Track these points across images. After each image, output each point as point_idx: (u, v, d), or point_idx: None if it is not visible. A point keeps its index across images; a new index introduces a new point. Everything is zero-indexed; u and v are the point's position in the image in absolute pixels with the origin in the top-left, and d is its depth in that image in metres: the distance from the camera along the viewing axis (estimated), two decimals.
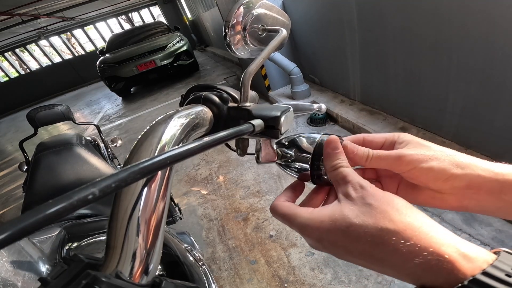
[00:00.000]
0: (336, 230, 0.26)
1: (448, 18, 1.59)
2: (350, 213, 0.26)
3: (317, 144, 0.35)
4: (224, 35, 0.39)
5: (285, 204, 0.32)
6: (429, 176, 0.30)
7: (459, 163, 0.30)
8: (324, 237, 0.27)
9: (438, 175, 0.30)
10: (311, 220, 0.28)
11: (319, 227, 0.27)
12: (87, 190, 0.15)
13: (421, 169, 0.30)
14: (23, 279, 0.42)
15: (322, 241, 0.27)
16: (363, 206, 0.26)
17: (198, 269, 0.69)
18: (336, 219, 0.26)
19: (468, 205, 0.31)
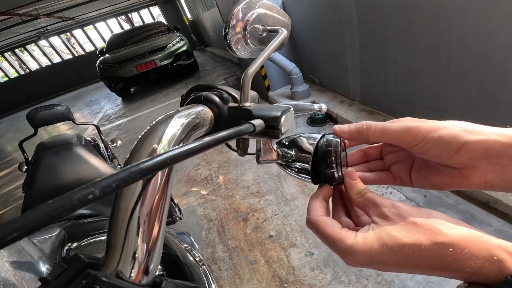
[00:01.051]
0: (389, 252, 0.27)
1: (448, 18, 1.59)
2: (398, 234, 0.27)
3: (318, 144, 0.35)
4: (225, 35, 0.39)
5: (327, 222, 0.31)
6: (440, 147, 0.29)
7: (471, 130, 0.28)
8: (376, 259, 0.27)
9: (450, 145, 0.28)
10: (358, 247, 0.28)
11: (370, 252, 0.27)
12: (87, 190, 0.15)
13: (431, 139, 0.29)
14: (23, 279, 0.42)
15: (371, 263, 0.28)
16: (408, 225, 0.27)
17: (198, 269, 0.69)
18: (386, 242, 0.27)
19: (494, 180, 0.29)
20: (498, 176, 0.28)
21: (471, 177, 0.29)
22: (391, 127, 0.31)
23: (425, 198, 1.80)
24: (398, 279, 1.42)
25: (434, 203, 1.74)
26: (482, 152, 0.27)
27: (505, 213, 1.53)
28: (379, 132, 0.32)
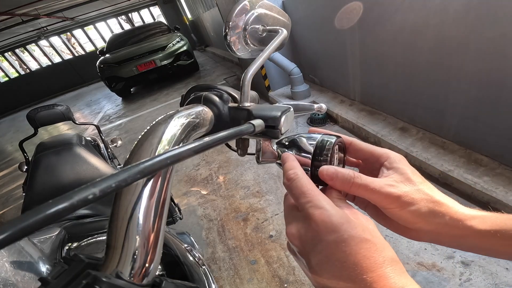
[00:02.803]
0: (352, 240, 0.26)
1: (448, 17, 1.59)
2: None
3: (318, 145, 0.35)
4: (225, 35, 0.39)
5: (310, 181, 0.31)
6: (410, 219, 0.31)
7: (436, 211, 0.31)
8: (343, 236, 0.26)
9: (419, 219, 0.31)
10: (332, 210, 0.27)
11: (333, 221, 0.26)
12: (87, 190, 0.15)
13: (406, 211, 0.31)
14: (23, 279, 0.42)
15: (336, 235, 0.26)
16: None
17: (198, 269, 0.69)
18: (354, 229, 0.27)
19: (427, 238, 0.33)
20: (444, 241, 0.32)
21: (421, 236, 0.33)
22: (373, 190, 0.31)
23: None
24: None
25: None
26: (436, 228, 0.31)
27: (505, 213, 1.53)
28: (363, 190, 0.31)
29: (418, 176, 0.33)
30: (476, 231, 0.30)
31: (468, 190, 1.68)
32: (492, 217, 0.30)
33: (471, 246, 0.31)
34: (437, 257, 1.47)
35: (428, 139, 2.08)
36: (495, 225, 0.30)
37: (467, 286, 1.33)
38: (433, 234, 0.32)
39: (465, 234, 0.30)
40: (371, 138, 2.41)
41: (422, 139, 2.11)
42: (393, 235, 1.62)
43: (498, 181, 1.60)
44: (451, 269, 1.40)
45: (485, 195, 1.59)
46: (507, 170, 1.63)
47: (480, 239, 0.30)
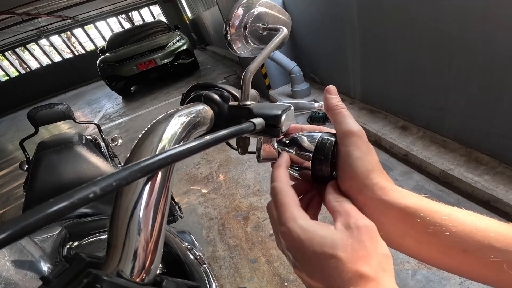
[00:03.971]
0: (323, 255, 0.25)
1: (448, 17, 1.58)
2: (342, 247, 0.25)
3: (318, 144, 0.35)
4: (225, 34, 0.39)
5: (292, 196, 0.30)
6: (344, 158, 0.32)
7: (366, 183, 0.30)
8: (308, 252, 0.26)
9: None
10: (305, 228, 0.27)
11: (307, 238, 0.26)
12: (88, 189, 0.15)
13: (344, 148, 0.32)
14: (24, 278, 0.43)
15: (302, 251, 0.27)
16: (356, 244, 0.26)
17: (198, 268, 0.69)
18: (327, 243, 0.26)
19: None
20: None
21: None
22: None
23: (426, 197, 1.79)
24: (398, 278, 1.42)
25: None
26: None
27: (505, 212, 1.53)
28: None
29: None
30: (396, 205, 0.28)
31: (469, 189, 1.68)
32: (418, 197, 0.30)
33: (387, 229, 0.29)
34: None
35: (428, 137, 2.08)
36: (418, 204, 0.28)
37: (467, 285, 1.33)
38: (359, 209, 0.30)
39: (385, 208, 0.29)
40: (372, 136, 2.41)
41: (422, 138, 2.10)
42: None
43: (498, 180, 1.60)
44: None
45: (485, 194, 1.59)
46: (507, 169, 1.63)
47: (398, 218, 0.28)
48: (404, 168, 2.08)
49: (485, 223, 0.26)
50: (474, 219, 0.27)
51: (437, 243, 0.27)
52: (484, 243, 0.25)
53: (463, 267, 0.27)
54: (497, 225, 0.26)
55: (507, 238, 0.25)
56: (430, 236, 0.27)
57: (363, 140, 0.32)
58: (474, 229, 0.26)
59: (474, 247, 0.25)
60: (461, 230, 0.26)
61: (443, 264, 0.28)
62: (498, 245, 0.25)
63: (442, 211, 0.28)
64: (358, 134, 0.32)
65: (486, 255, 0.25)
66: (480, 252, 0.25)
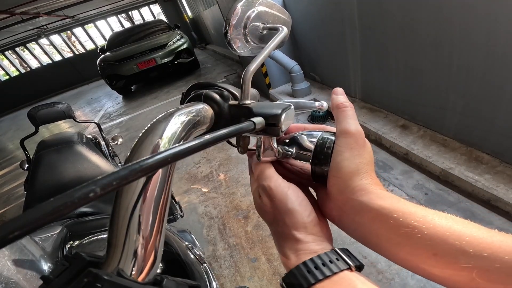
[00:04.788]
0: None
1: (449, 15, 1.58)
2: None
3: (318, 143, 0.35)
4: (225, 33, 0.39)
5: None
6: (334, 157, 0.33)
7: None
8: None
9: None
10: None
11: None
12: (88, 188, 0.15)
13: (336, 147, 0.34)
14: (25, 277, 0.43)
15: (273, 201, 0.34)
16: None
17: (199, 267, 0.69)
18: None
19: (335, 218, 0.35)
20: (339, 217, 0.34)
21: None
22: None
23: (426, 196, 1.80)
24: (398, 277, 1.43)
25: (435, 201, 1.74)
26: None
27: (506, 211, 1.53)
28: None
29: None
30: (371, 205, 0.29)
31: (469, 188, 1.68)
32: (395, 198, 0.29)
33: (362, 230, 0.31)
34: None
35: (429, 136, 2.08)
36: (393, 205, 0.28)
37: None
38: (339, 211, 0.33)
39: (360, 208, 0.30)
40: (372, 135, 2.40)
41: (423, 137, 2.10)
42: None
43: (499, 179, 1.60)
44: None
45: (486, 193, 1.59)
46: (508, 168, 1.63)
47: (373, 219, 0.29)
48: (404, 167, 2.08)
49: (461, 226, 0.25)
50: (450, 223, 0.26)
51: (409, 245, 0.27)
52: (456, 247, 0.24)
53: (434, 271, 0.26)
54: (474, 230, 0.25)
55: (481, 243, 0.24)
56: (402, 238, 0.27)
57: (357, 142, 0.32)
58: (448, 233, 0.25)
59: (444, 251, 0.25)
60: (433, 233, 0.25)
61: (415, 267, 0.28)
62: (471, 250, 0.24)
63: (416, 213, 0.27)
64: (353, 135, 0.32)
65: (457, 260, 0.24)
66: (451, 257, 0.24)
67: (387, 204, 0.29)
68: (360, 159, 0.32)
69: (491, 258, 0.23)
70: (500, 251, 0.22)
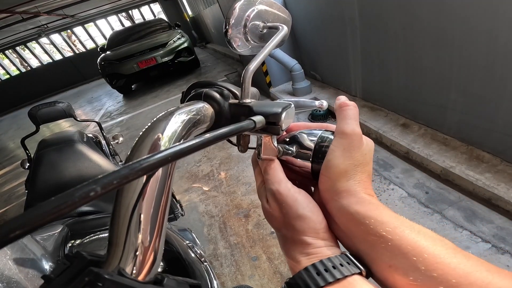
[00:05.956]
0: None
1: (450, 14, 1.58)
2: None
3: (318, 141, 0.35)
4: (225, 31, 0.39)
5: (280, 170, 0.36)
6: (327, 155, 0.34)
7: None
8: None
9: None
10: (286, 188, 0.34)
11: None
12: (89, 187, 0.15)
13: (332, 146, 0.34)
14: (26, 276, 0.43)
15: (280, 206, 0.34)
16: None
17: (199, 265, 0.69)
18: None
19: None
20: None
21: None
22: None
23: (427, 194, 1.79)
24: None
25: (436, 199, 1.74)
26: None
27: (506, 210, 1.53)
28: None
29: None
30: (348, 209, 0.30)
31: (470, 187, 1.68)
32: (376, 205, 0.29)
33: (340, 231, 0.32)
34: None
35: (430, 135, 2.08)
36: (368, 212, 0.29)
37: None
38: (322, 207, 0.34)
39: (338, 210, 0.31)
40: (373, 134, 2.40)
41: (423, 136, 2.10)
42: None
43: (499, 178, 1.60)
44: None
45: (486, 191, 1.59)
46: (508, 167, 1.63)
47: (348, 222, 0.30)
48: (405, 166, 2.08)
49: (428, 243, 0.25)
50: (419, 238, 0.26)
51: (372, 254, 0.28)
52: (411, 263, 0.24)
53: (388, 282, 0.27)
54: (439, 248, 0.25)
55: (438, 263, 0.24)
56: (368, 245, 0.28)
57: (352, 143, 0.32)
58: (411, 247, 0.25)
59: (398, 264, 0.25)
60: (397, 245, 0.26)
61: (376, 276, 0.28)
62: (423, 268, 0.24)
63: (388, 223, 0.27)
64: (349, 136, 0.32)
65: (406, 276, 0.25)
66: (402, 271, 0.25)
67: (362, 210, 0.29)
68: (351, 161, 0.31)
69: (439, 279, 0.23)
70: (451, 273, 0.23)
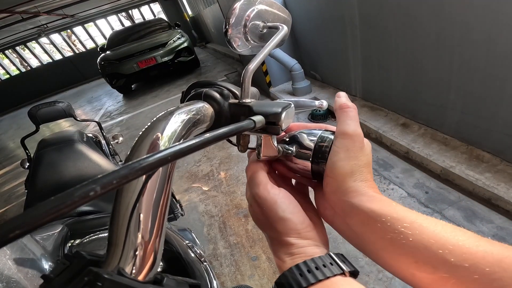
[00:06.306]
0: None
1: (450, 13, 1.58)
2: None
3: (318, 141, 0.35)
4: (225, 31, 0.39)
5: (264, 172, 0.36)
6: (330, 157, 0.33)
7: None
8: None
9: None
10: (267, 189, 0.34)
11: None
12: (88, 186, 0.15)
13: (334, 147, 0.33)
14: (26, 276, 0.43)
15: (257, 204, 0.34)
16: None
17: (199, 265, 0.69)
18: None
19: (328, 218, 0.35)
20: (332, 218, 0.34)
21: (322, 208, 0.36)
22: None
23: (427, 194, 1.79)
24: None
25: (436, 199, 1.74)
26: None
27: (506, 210, 1.53)
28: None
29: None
30: (361, 208, 0.29)
31: (470, 187, 1.68)
32: (387, 202, 0.29)
33: (351, 231, 0.31)
34: None
35: (429, 135, 2.08)
36: (383, 209, 0.28)
37: None
38: (331, 211, 0.33)
39: (350, 210, 0.30)
40: (373, 134, 2.40)
41: (423, 135, 2.10)
42: None
43: (499, 178, 1.60)
44: None
45: (486, 191, 1.59)
46: (508, 167, 1.63)
47: (362, 222, 0.29)
48: (405, 165, 2.08)
49: (449, 234, 0.24)
50: (438, 230, 0.25)
51: (392, 251, 0.27)
52: (438, 256, 0.24)
53: (413, 278, 0.26)
54: (462, 238, 0.24)
55: (465, 253, 0.23)
56: (387, 243, 0.27)
57: (355, 144, 0.32)
58: (433, 240, 0.24)
59: (425, 259, 0.24)
60: (418, 240, 0.25)
61: (397, 273, 0.27)
62: (452, 260, 0.23)
63: (405, 218, 0.27)
64: (351, 137, 0.32)
65: (436, 270, 0.24)
66: (431, 265, 0.24)
67: (376, 207, 0.28)
68: (356, 161, 0.31)
69: (471, 269, 0.22)
70: (482, 262, 0.22)
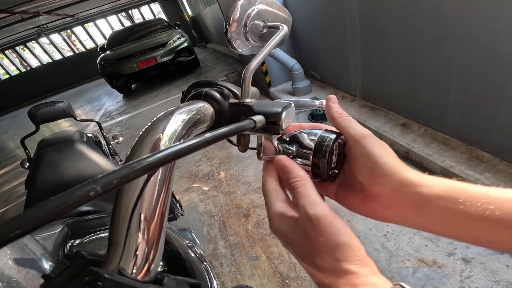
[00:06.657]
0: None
1: (450, 13, 1.58)
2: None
3: (318, 141, 0.35)
4: (225, 31, 0.39)
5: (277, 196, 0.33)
6: (365, 159, 0.32)
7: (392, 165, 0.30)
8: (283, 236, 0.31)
9: (372, 163, 0.31)
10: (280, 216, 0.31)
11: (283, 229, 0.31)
12: (89, 186, 0.15)
13: (363, 149, 0.32)
14: (26, 276, 0.43)
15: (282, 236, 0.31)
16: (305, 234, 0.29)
17: (199, 265, 0.69)
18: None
19: (393, 216, 0.31)
20: (398, 214, 0.31)
21: (375, 208, 0.32)
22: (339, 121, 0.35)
23: None
24: (399, 276, 1.43)
25: None
26: (391, 189, 0.30)
27: None
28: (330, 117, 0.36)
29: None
30: (435, 195, 0.28)
31: None
32: (449, 181, 0.29)
33: (431, 220, 0.29)
34: (438, 253, 1.47)
35: (429, 135, 2.08)
36: (454, 190, 0.28)
37: (468, 282, 1.33)
38: (394, 202, 0.31)
39: (424, 201, 0.29)
40: None
41: (423, 135, 2.10)
42: (394, 232, 1.62)
43: (499, 178, 1.60)
44: (452, 266, 1.40)
45: None
46: (508, 167, 1.63)
47: (440, 208, 0.28)
48: None
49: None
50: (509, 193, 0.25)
51: (481, 233, 0.26)
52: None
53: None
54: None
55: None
56: (476, 222, 0.26)
57: (377, 139, 0.32)
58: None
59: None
60: (507, 211, 0.25)
61: (500, 247, 0.26)
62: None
63: (476, 193, 0.26)
64: (371, 135, 0.32)
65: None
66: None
67: (447, 190, 0.28)
68: (392, 153, 0.31)
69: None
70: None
